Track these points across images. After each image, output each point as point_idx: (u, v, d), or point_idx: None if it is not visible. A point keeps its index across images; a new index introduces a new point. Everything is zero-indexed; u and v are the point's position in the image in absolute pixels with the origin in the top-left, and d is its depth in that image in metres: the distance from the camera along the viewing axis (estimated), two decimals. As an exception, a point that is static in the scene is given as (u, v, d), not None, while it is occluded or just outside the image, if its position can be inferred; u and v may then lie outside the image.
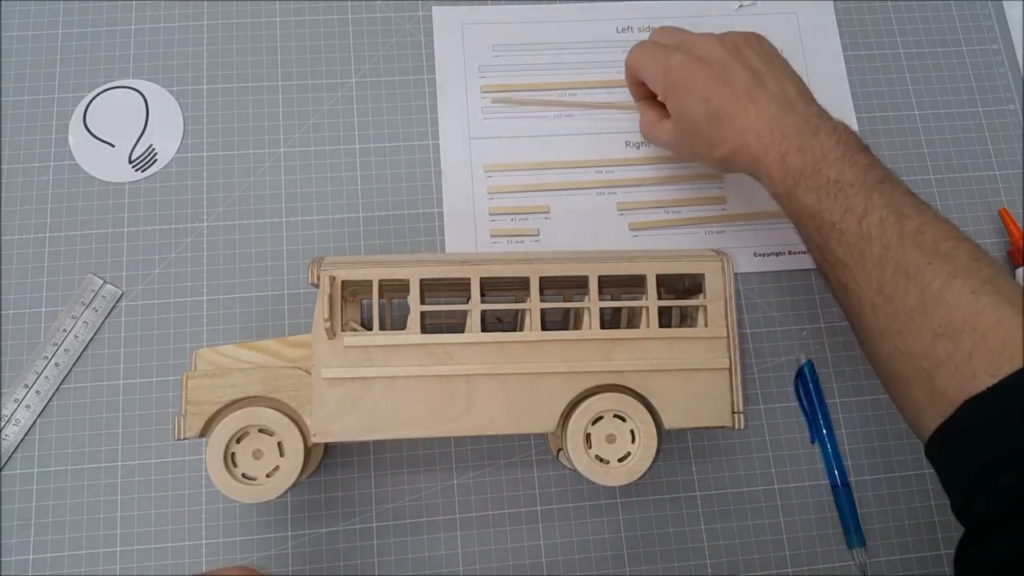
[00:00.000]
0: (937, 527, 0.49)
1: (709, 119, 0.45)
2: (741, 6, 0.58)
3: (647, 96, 0.51)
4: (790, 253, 0.54)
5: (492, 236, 0.53)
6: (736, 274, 0.52)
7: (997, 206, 0.55)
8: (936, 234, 0.38)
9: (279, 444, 0.40)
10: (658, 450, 0.40)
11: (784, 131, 0.42)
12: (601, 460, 0.40)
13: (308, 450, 0.40)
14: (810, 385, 0.50)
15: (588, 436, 0.40)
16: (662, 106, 0.49)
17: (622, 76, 0.52)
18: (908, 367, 0.37)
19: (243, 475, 0.39)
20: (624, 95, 0.54)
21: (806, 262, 0.53)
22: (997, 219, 0.54)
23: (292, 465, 0.39)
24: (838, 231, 0.40)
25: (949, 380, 0.35)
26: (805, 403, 0.50)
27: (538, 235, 0.53)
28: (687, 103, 0.46)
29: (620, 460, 0.40)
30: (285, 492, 0.39)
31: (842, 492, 0.49)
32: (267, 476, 0.40)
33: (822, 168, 0.41)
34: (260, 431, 0.40)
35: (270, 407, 0.39)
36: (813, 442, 0.50)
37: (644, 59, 0.49)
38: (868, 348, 0.41)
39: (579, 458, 0.40)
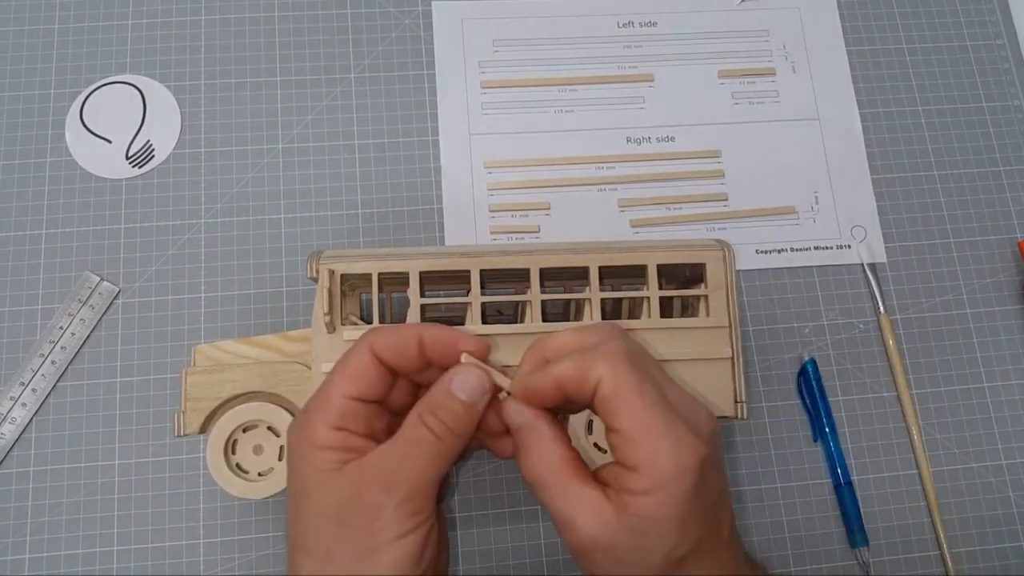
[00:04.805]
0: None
1: None
2: (743, 0, 0.58)
3: None
4: (792, 250, 0.53)
5: (492, 233, 0.52)
6: (738, 271, 0.52)
7: (1001, 203, 0.55)
8: None
9: (281, 448, 0.40)
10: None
11: None
12: (599, 449, 0.40)
13: None
14: (812, 383, 0.50)
15: (590, 423, 0.40)
16: None
17: (623, 71, 0.51)
18: None
19: (237, 465, 0.40)
20: (623, 91, 0.53)
21: (808, 259, 0.53)
22: (1013, 244, 0.54)
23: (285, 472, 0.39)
24: None
25: None
26: (807, 401, 0.50)
27: (538, 232, 0.52)
28: None
29: None
30: (272, 496, 0.39)
31: (845, 491, 0.48)
32: (259, 474, 0.40)
33: None
34: (268, 428, 0.40)
35: (273, 404, 0.39)
36: (815, 441, 0.50)
37: None
38: None
39: (582, 448, 0.39)
